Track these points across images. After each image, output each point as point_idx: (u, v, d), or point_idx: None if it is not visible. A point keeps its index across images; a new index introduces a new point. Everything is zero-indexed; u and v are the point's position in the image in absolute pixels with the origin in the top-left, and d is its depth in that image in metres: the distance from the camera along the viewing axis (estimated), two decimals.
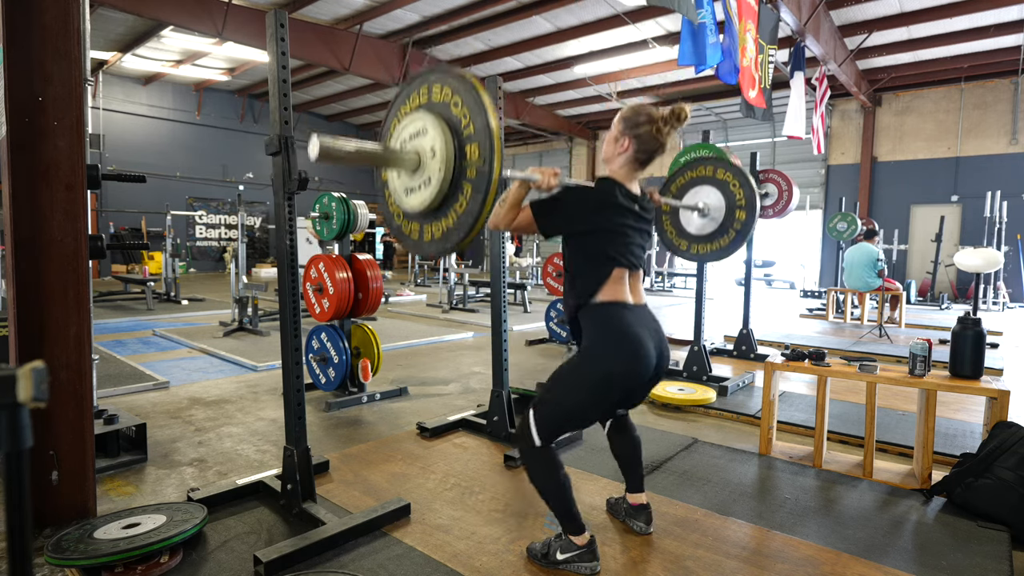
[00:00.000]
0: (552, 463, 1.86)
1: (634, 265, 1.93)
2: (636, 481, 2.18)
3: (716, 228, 3.30)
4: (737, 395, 4.07)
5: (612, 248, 1.88)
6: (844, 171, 13.38)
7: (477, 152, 1.47)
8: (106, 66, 12.38)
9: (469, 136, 1.51)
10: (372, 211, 4.17)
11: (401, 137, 1.64)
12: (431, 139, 1.53)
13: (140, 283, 8.51)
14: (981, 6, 8.67)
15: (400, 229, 1.76)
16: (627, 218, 1.90)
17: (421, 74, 1.70)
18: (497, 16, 9.62)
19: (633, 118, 1.91)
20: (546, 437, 1.85)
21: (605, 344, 1.82)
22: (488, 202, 1.47)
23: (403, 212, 1.70)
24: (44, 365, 0.67)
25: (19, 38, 1.94)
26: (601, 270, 1.88)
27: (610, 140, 1.96)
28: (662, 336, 1.94)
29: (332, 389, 3.82)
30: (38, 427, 1.99)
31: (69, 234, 2.06)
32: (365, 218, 3.92)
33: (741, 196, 3.13)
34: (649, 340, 1.85)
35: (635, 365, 1.81)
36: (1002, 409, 2.45)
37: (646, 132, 1.88)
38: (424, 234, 1.63)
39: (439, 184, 1.51)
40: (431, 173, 1.53)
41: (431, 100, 1.63)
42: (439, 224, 1.59)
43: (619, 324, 1.83)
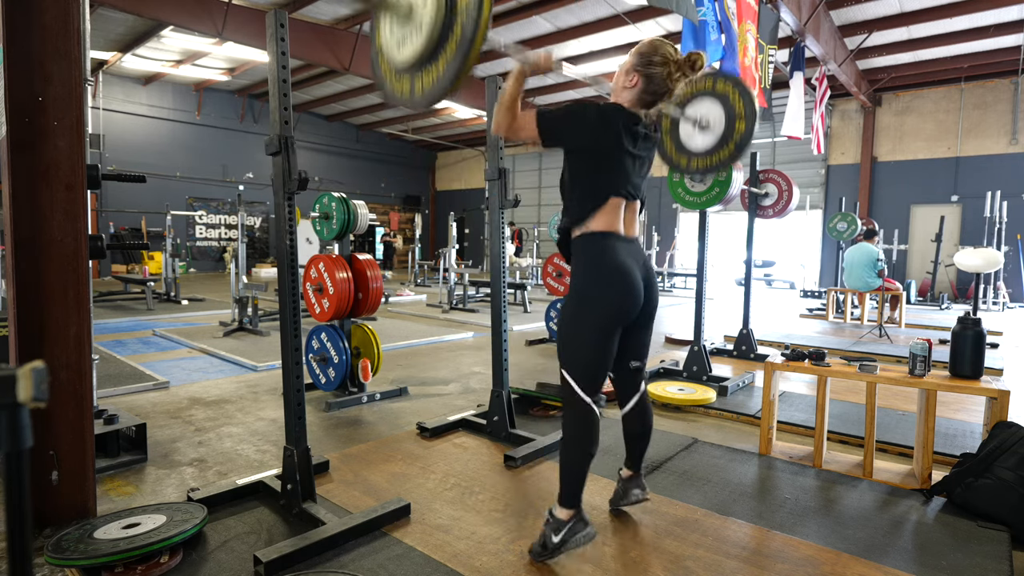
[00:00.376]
0: (594, 428, 1.91)
1: (631, 195, 1.94)
2: (635, 459, 2.23)
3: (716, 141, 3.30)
4: (737, 395, 4.07)
5: (611, 174, 1.88)
6: (844, 171, 13.38)
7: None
8: (106, 66, 12.38)
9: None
10: (372, 211, 4.17)
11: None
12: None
13: (140, 283, 8.51)
14: (981, 6, 8.67)
15: (392, 91, 1.73)
16: (630, 144, 1.89)
17: None
18: (497, 16, 9.62)
19: (648, 54, 1.90)
20: (588, 389, 1.89)
21: (593, 280, 1.87)
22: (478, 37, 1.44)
23: (395, 70, 1.69)
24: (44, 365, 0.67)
25: (19, 38, 1.94)
26: (598, 195, 1.89)
27: (622, 71, 1.96)
28: (650, 270, 2.01)
29: (332, 389, 3.82)
30: (38, 427, 1.99)
31: (69, 234, 2.06)
32: (365, 218, 3.92)
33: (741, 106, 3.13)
34: (637, 272, 1.90)
35: (626, 293, 1.87)
36: (1002, 409, 2.45)
37: (658, 74, 1.88)
38: (415, 88, 1.61)
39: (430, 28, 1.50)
40: (422, 18, 1.53)
41: None
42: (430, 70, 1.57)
43: (608, 258, 1.86)
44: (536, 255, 13.57)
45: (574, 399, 1.91)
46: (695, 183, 4.28)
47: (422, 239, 20.10)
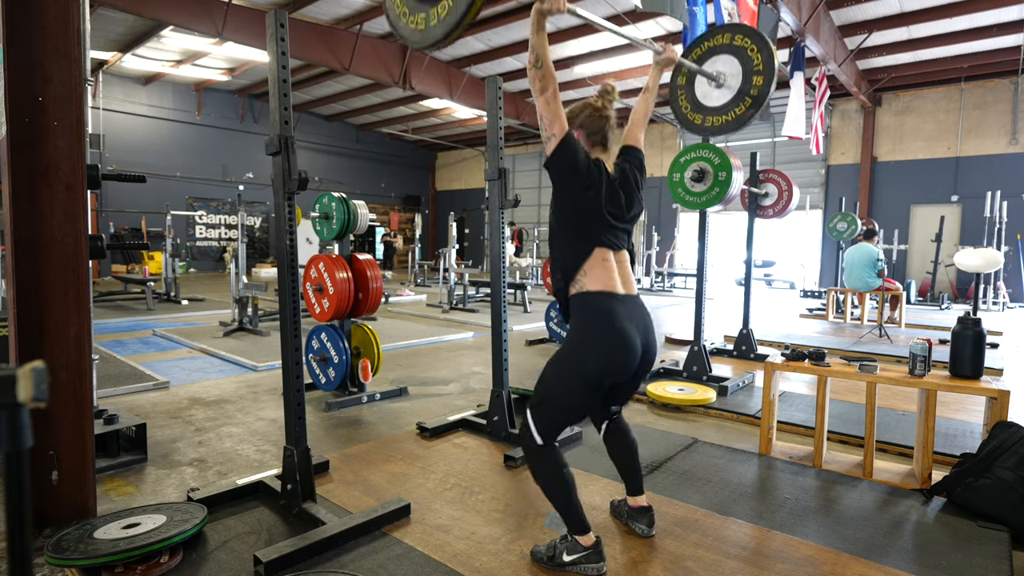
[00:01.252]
0: (556, 462, 1.88)
1: (615, 245, 1.94)
2: (635, 484, 2.18)
3: (733, 96, 3.19)
4: (737, 395, 4.07)
5: (594, 225, 1.90)
6: (844, 171, 13.37)
7: None
8: (106, 66, 12.38)
9: None
10: (372, 211, 4.17)
11: None
12: None
13: (140, 283, 8.51)
14: (981, 6, 8.67)
15: (407, 26, 1.72)
16: (607, 197, 1.92)
17: None
18: (497, 16, 9.62)
19: (573, 113, 2.01)
20: (546, 435, 1.87)
21: (588, 342, 1.85)
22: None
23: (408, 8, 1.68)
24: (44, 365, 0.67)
25: (19, 38, 1.94)
26: (583, 247, 1.90)
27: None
28: (650, 330, 1.96)
29: (332, 389, 3.82)
30: (38, 427, 1.99)
31: (69, 234, 2.06)
32: (365, 218, 3.92)
33: (759, 60, 3.03)
34: (636, 335, 1.87)
35: (619, 361, 1.84)
36: (1002, 409, 2.45)
37: (585, 117, 1.99)
38: (430, 19, 1.62)
39: None
40: None
41: None
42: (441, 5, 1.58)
43: (606, 320, 1.84)
44: (536, 255, 13.58)
45: (532, 446, 1.89)
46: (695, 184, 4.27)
47: (422, 239, 20.10)
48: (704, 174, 4.23)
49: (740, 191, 4.58)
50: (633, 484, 2.18)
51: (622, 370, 1.86)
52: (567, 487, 1.87)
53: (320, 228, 3.94)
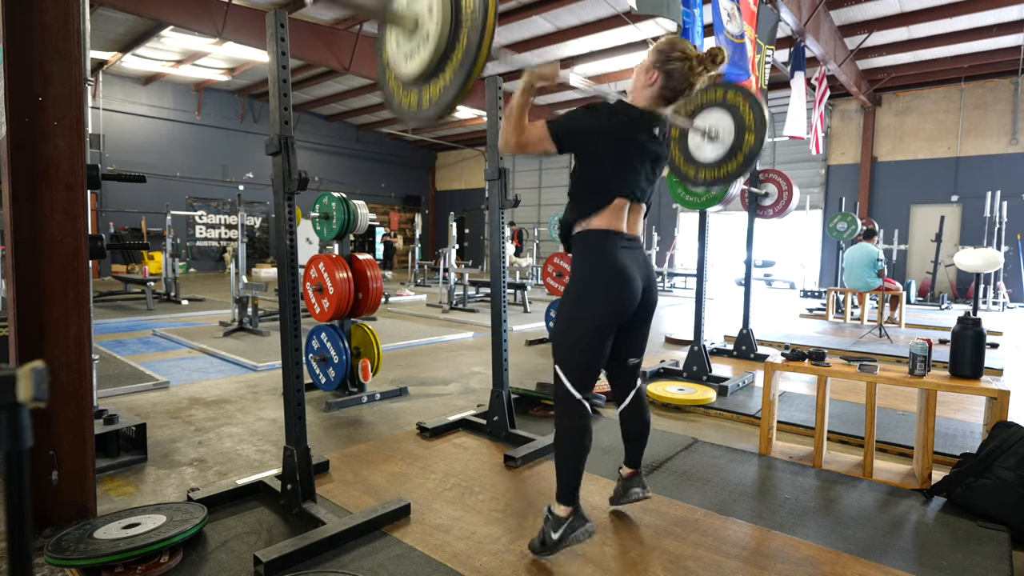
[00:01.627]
0: (585, 425, 1.92)
1: (637, 197, 1.93)
2: (635, 458, 2.23)
3: (725, 152, 3.25)
4: (737, 395, 4.07)
5: (618, 175, 1.88)
6: (844, 171, 13.37)
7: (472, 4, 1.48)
8: (106, 66, 12.38)
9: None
10: (372, 211, 4.17)
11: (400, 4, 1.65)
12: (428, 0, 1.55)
13: (140, 283, 8.51)
14: (981, 6, 8.67)
15: (399, 105, 1.75)
16: (639, 147, 1.89)
17: None
18: (497, 16, 9.61)
19: (667, 51, 1.89)
20: (579, 384, 1.91)
21: (591, 281, 1.87)
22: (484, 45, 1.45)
23: (402, 83, 1.70)
24: (44, 365, 0.67)
25: (19, 38, 1.94)
26: (602, 196, 1.89)
27: (641, 69, 1.95)
28: (650, 271, 2.00)
29: (332, 389, 3.82)
30: (38, 427, 1.99)
31: (69, 234, 2.06)
32: (365, 218, 3.91)
33: (751, 118, 3.08)
34: (635, 270, 1.90)
35: (623, 294, 1.87)
36: (1002, 409, 2.45)
37: (677, 69, 1.87)
38: (423, 100, 1.63)
39: (437, 37, 1.52)
40: (428, 29, 1.55)
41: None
42: (436, 83, 1.59)
43: (607, 258, 1.86)
44: (536, 255, 13.58)
45: (565, 395, 1.93)
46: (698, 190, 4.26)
47: (422, 239, 20.10)
48: None
49: (740, 191, 4.58)
50: (633, 457, 2.23)
51: (624, 306, 1.88)
52: (581, 452, 1.91)
53: (320, 228, 3.94)
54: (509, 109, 1.82)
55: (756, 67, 6.15)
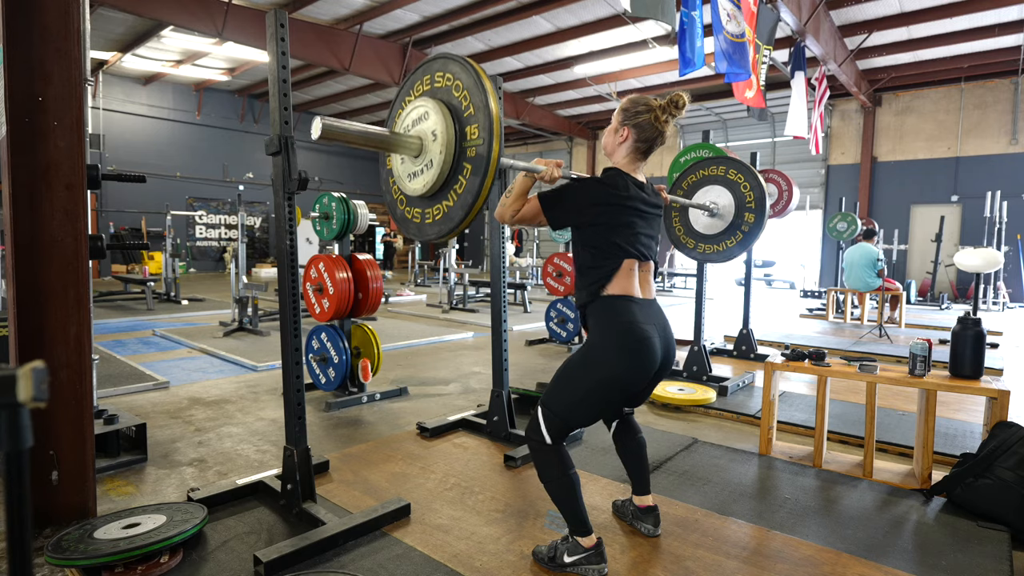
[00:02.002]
0: (562, 462, 1.86)
1: (644, 256, 1.92)
2: (642, 484, 2.17)
3: (725, 228, 3.27)
4: (737, 395, 4.07)
5: (620, 239, 1.87)
6: (844, 171, 13.38)
7: (477, 132, 1.50)
8: (106, 66, 12.38)
9: (469, 117, 1.55)
10: (372, 211, 4.18)
11: (404, 124, 1.69)
12: (432, 123, 1.57)
13: (140, 283, 8.51)
14: (981, 6, 8.67)
15: (403, 215, 1.78)
16: (634, 208, 1.88)
17: (424, 62, 1.75)
18: (497, 16, 9.62)
19: (632, 108, 1.92)
20: (556, 435, 1.86)
21: (610, 344, 1.81)
22: (487, 181, 1.49)
23: (406, 197, 1.73)
24: (44, 365, 0.67)
25: (19, 38, 1.94)
26: (610, 261, 1.87)
27: (610, 132, 1.97)
28: (669, 333, 1.94)
29: (332, 389, 3.82)
30: (38, 427, 2.00)
31: (69, 234, 2.06)
32: (365, 218, 3.92)
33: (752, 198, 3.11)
34: (656, 337, 1.84)
35: (640, 365, 1.81)
36: (1002, 409, 2.45)
37: (645, 121, 1.90)
38: (426, 217, 1.66)
39: (440, 166, 1.55)
40: (432, 156, 1.57)
41: (434, 87, 1.68)
42: (440, 207, 1.62)
43: (625, 321, 1.82)
44: (536, 255, 13.58)
45: (539, 444, 1.87)
46: None
47: None
48: None
49: None
50: (640, 483, 2.17)
51: (643, 373, 1.83)
52: (572, 488, 1.86)
53: (320, 228, 3.94)
54: (509, 189, 1.88)
55: (755, 67, 6.15)
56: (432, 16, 9.84)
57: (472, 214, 1.54)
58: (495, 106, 1.50)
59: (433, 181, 1.57)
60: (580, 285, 1.95)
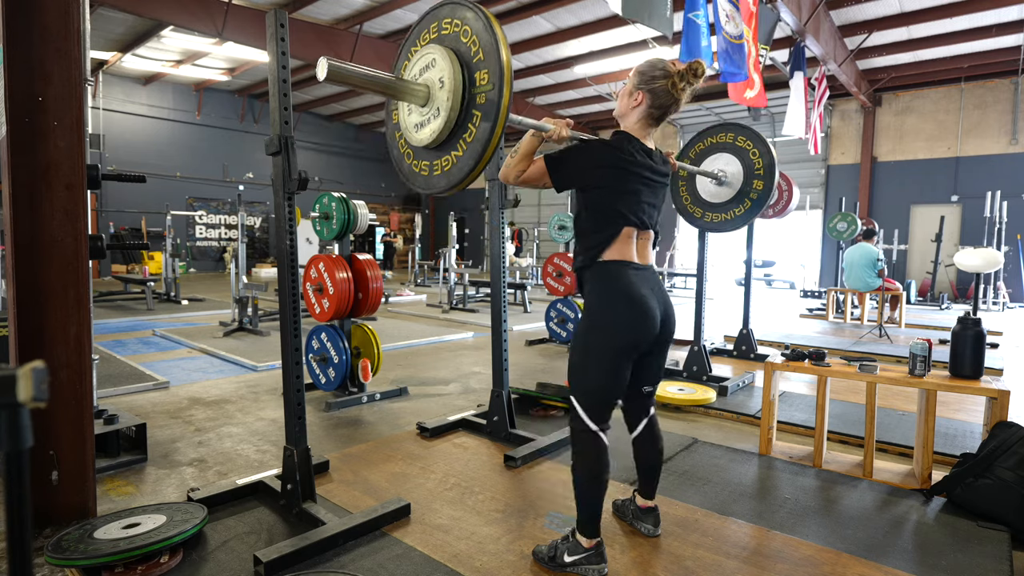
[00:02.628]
0: (603, 456, 1.88)
1: (644, 224, 1.92)
2: (650, 487, 2.16)
3: (733, 196, 3.20)
4: (737, 395, 4.07)
5: (623, 205, 1.86)
6: (844, 171, 13.38)
7: (487, 78, 1.45)
8: (106, 66, 12.38)
9: (479, 63, 1.49)
10: (372, 211, 4.18)
11: (411, 73, 1.63)
12: (439, 70, 1.52)
13: (140, 283, 8.51)
14: (981, 6, 8.67)
15: (410, 168, 1.73)
16: (640, 175, 1.88)
17: (432, 9, 1.66)
18: (497, 16, 9.58)
19: (649, 71, 1.89)
20: (596, 417, 1.87)
21: (607, 306, 1.83)
22: (497, 129, 1.44)
23: (413, 150, 1.68)
24: (44, 365, 0.67)
25: (19, 38, 1.94)
26: (610, 227, 1.87)
27: (624, 94, 1.95)
28: (667, 299, 1.95)
29: (332, 389, 3.82)
30: (38, 427, 2.00)
31: (69, 234, 2.06)
32: (365, 218, 3.92)
33: (760, 164, 3.04)
34: (653, 300, 1.86)
35: (640, 322, 1.83)
36: (1002, 409, 2.45)
37: (661, 87, 1.87)
38: (433, 169, 1.61)
39: (447, 112, 1.50)
40: (439, 103, 1.52)
41: (441, 34, 1.62)
42: (448, 157, 1.58)
43: (622, 284, 1.83)
44: (536, 255, 13.58)
45: (582, 429, 1.88)
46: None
47: (422, 239, 20.09)
48: None
49: None
50: (648, 486, 2.16)
51: (644, 331, 1.84)
52: (600, 486, 1.87)
53: (320, 228, 3.94)
54: (516, 148, 1.87)
55: (758, 66, 6.15)
56: None
57: (483, 163, 1.49)
58: (505, 51, 1.44)
59: (440, 129, 1.52)
60: (578, 249, 1.96)
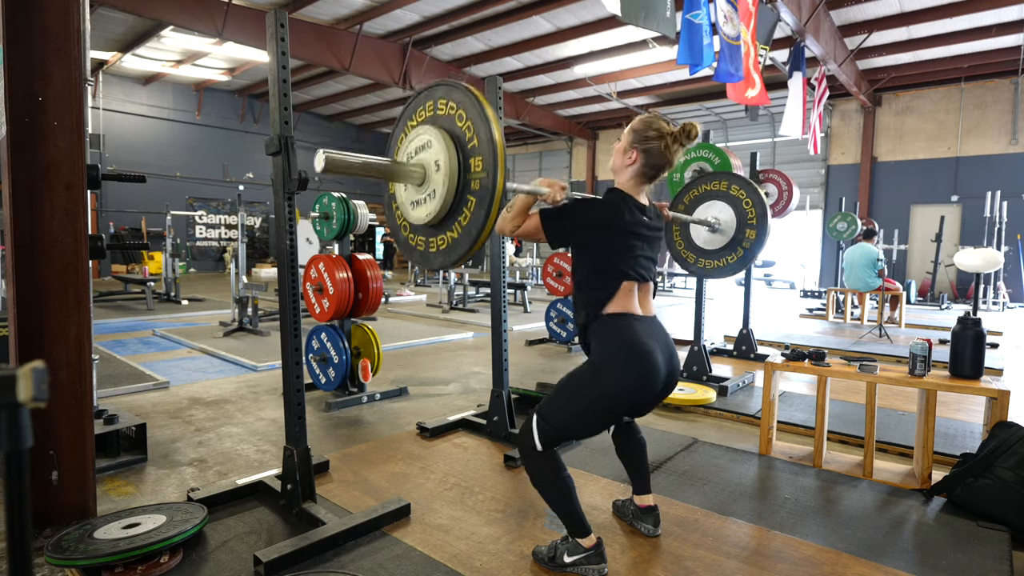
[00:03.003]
0: (554, 466, 1.85)
1: (643, 278, 1.91)
2: (642, 483, 2.17)
3: (726, 243, 3.24)
4: (737, 395, 4.07)
5: (620, 262, 1.86)
6: (844, 171, 13.37)
7: (481, 165, 1.49)
8: (106, 66, 12.38)
9: (473, 148, 1.54)
10: (372, 211, 4.18)
11: (407, 151, 1.67)
12: (435, 152, 1.56)
13: (140, 283, 8.51)
14: (981, 6, 8.67)
15: (407, 241, 1.78)
16: (635, 231, 1.88)
17: (427, 88, 1.73)
18: (497, 16, 9.62)
19: (643, 131, 1.89)
20: (547, 443, 1.83)
21: (612, 359, 1.79)
22: (491, 215, 1.49)
23: (409, 224, 1.73)
24: (44, 365, 0.67)
25: (19, 38, 1.94)
26: (610, 284, 1.86)
27: (619, 151, 1.95)
28: (672, 349, 1.91)
29: (332, 389, 3.82)
30: (38, 427, 2.00)
31: (69, 234, 2.06)
32: (365, 218, 3.92)
33: (753, 214, 3.08)
34: (659, 353, 1.82)
35: (644, 381, 1.78)
36: (1002, 409, 2.45)
37: (655, 147, 1.87)
38: (429, 246, 1.66)
39: (443, 197, 1.54)
40: (435, 186, 1.56)
41: (436, 114, 1.67)
42: (444, 237, 1.62)
43: (627, 337, 1.80)
44: (536, 255, 13.57)
45: (530, 452, 1.85)
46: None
47: None
48: None
49: None
50: (640, 483, 2.16)
51: (647, 390, 1.80)
52: (567, 491, 1.84)
53: (320, 228, 3.94)
54: (511, 204, 1.87)
55: (757, 66, 6.13)
56: (432, 16, 9.84)
57: (477, 245, 1.53)
58: (499, 138, 1.48)
59: (437, 211, 1.57)
60: (580, 303, 1.93)
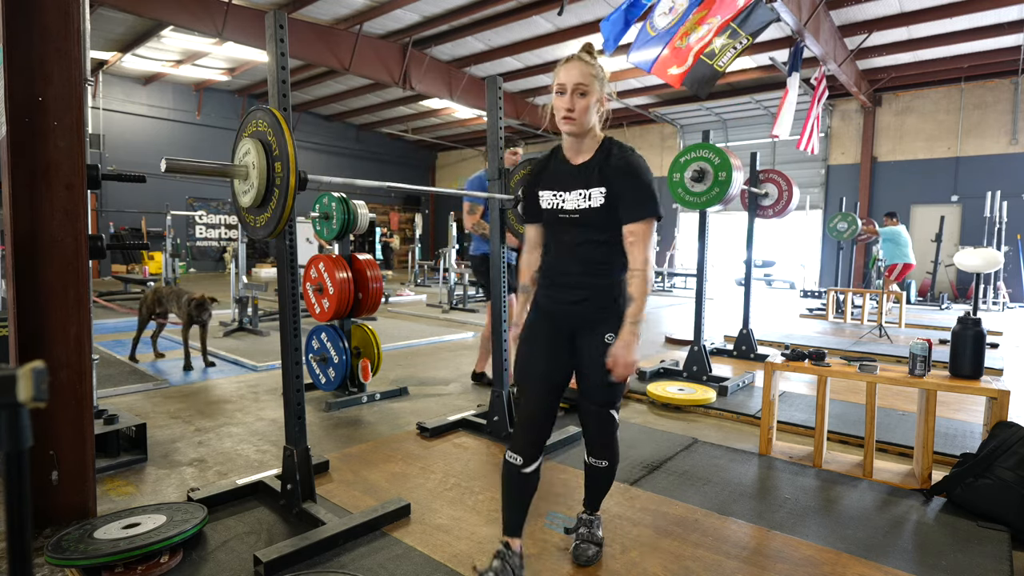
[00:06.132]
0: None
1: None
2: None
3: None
4: (737, 395, 4.07)
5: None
6: (844, 171, 13.37)
7: (280, 168, 1.95)
8: (106, 66, 12.37)
9: (276, 156, 1.96)
10: (372, 211, 4.18)
11: (239, 156, 2.12)
12: (253, 156, 2.01)
13: (140, 283, 8.51)
14: (981, 6, 8.67)
15: (244, 217, 2.19)
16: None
17: (252, 111, 2.13)
18: (497, 16, 9.62)
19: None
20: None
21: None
22: (287, 207, 1.94)
23: (244, 206, 2.18)
24: (44, 365, 0.67)
25: (19, 38, 1.94)
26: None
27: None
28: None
29: (332, 389, 3.82)
30: (38, 427, 1.99)
31: (69, 234, 2.06)
32: (365, 218, 3.91)
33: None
34: None
35: None
36: (1002, 409, 2.45)
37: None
38: (258, 221, 2.09)
39: (257, 189, 2.00)
40: (254, 180, 2.02)
41: (258, 129, 2.08)
42: (263, 216, 2.06)
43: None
44: None
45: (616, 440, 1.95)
46: (695, 184, 4.36)
47: (422, 239, 20.09)
48: (704, 174, 4.23)
49: (740, 191, 4.58)
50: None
51: None
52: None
53: (320, 228, 3.94)
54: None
55: (705, 46, 5.72)
56: (432, 16, 9.84)
57: (282, 224, 1.98)
58: (291, 149, 1.91)
59: (255, 197, 2.03)
60: (608, 264, 1.84)
